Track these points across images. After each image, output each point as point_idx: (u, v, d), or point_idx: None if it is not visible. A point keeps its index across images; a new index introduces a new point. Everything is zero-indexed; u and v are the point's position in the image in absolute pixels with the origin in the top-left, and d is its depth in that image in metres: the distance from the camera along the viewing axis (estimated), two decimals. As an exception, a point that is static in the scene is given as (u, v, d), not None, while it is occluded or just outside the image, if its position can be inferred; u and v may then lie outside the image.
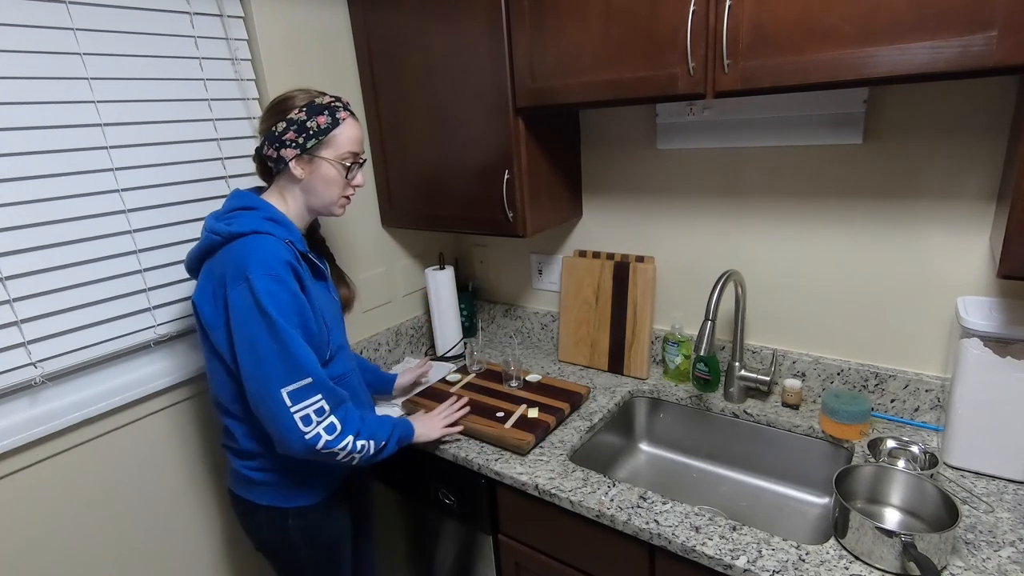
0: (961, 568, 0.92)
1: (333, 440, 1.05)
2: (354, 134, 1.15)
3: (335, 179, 1.14)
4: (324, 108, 1.11)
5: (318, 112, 1.11)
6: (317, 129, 1.10)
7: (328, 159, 1.12)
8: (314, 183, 1.14)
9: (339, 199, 1.17)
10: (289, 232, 1.10)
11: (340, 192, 1.16)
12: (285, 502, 1.16)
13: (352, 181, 1.17)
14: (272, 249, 1.03)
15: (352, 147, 1.14)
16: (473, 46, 1.37)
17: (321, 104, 1.11)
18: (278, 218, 1.11)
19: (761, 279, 1.45)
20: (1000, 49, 0.83)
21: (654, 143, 1.51)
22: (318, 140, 1.11)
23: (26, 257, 1.10)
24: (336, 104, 1.13)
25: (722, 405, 1.44)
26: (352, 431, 1.08)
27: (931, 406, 1.28)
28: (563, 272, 1.73)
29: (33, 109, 1.09)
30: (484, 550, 1.42)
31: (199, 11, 1.31)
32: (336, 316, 1.22)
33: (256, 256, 1.01)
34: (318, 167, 1.13)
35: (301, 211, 1.18)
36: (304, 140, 1.10)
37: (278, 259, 1.03)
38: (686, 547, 1.01)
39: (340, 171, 1.14)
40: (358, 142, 1.16)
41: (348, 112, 1.15)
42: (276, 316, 1.00)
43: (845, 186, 1.29)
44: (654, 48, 1.13)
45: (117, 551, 1.28)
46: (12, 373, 1.10)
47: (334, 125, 1.11)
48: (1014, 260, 0.88)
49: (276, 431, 1.03)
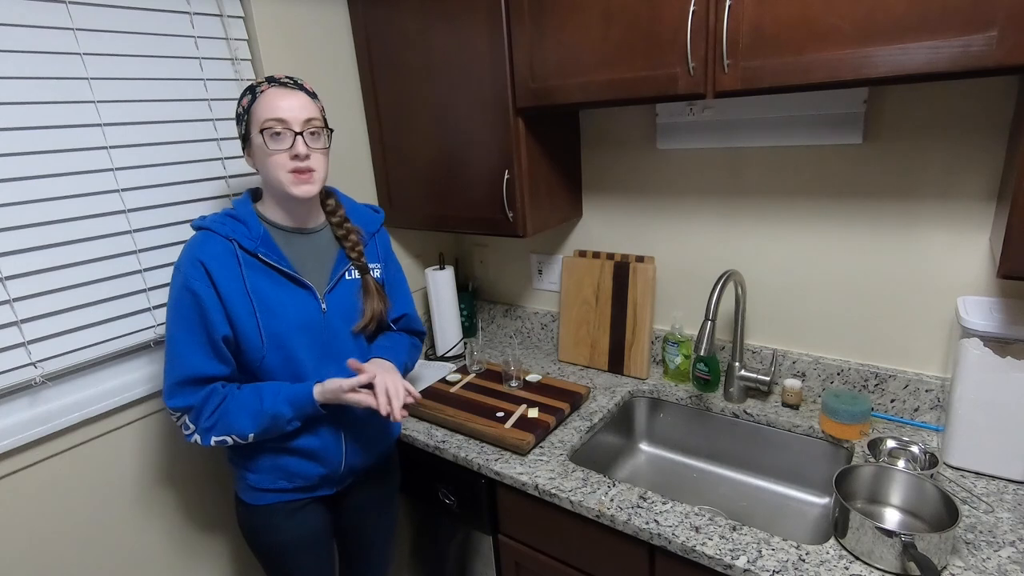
0: (961, 568, 0.92)
1: (188, 436, 1.10)
2: (272, 102, 1.06)
3: (262, 152, 1.07)
4: (248, 90, 1.10)
5: (243, 96, 1.11)
6: (243, 112, 1.10)
7: (252, 134, 1.09)
8: (258, 167, 1.11)
9: (283, 175, 1.07)
10: (239, 229, 1.10)
11: (281, 168, 1.07)
12: (242, 494, 1.21)
13: (292, 152, 1.06)
14: (192, 244, 1.08)
15: (269, 114, 1.05)
16: (473, 46, 1.37)
17: (247, 88, 1.11)
18: (238, 214, 1.12)
19: (761, 279, 1.45)
20: (1000, 49, 0.83)
21: (654, 143, 1.51)
22: (244, 121, 1.10)
23: (26, 257, 1.10)
24: (261, 81, 1.10)
25: (722, 405, 1.44)
26: (199, 432, 1.09)
27: (931, 406, 1.28)
28: (563, 272, 1.73)
29: (33, 109, 1.09)
30: (484, 550, 1.42)
31: (199, 11, 1.31)
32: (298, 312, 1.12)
33: (183, 251, 1.09)
34: (253, 148, 1.10)
35: (276, 202, 1.14)
36: (241, 128, 1.11)
37: (191, 256, 1.06)
38: (686, 547, 1.01)
39: (263, 142, 1.06)
40: (279, 108, 1.06)
41: (275, 84, 1.08)
42: (168, 312, 1.08)
43: (845, 186, 1.29)
44: (654, 48, 1.13)
45: (118, 551, 1.28)
46: (12, 373, 1.10)
47: (253, 100, 1.08)
48: (1014, 260, 0.88)
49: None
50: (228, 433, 1.09)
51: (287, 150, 1.07)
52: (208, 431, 1.09)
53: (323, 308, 1.16)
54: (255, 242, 1.10)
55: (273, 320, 1.10)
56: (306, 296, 1.14)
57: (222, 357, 1.09)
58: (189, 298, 1.05)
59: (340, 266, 1.20)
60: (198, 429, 1.09)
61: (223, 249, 1.08)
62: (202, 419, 1.09)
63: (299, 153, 1.07)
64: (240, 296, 1.08)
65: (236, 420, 1.09)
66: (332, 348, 1.18)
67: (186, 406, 1.07)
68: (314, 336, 1.15)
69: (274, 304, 1.11)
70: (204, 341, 1.07)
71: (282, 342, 1.12)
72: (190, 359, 1.06)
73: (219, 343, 1.07)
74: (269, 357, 1.12)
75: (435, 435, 1.41)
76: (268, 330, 1.10)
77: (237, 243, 1.09)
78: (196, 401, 1.08)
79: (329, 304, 1.17)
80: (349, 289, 1.21)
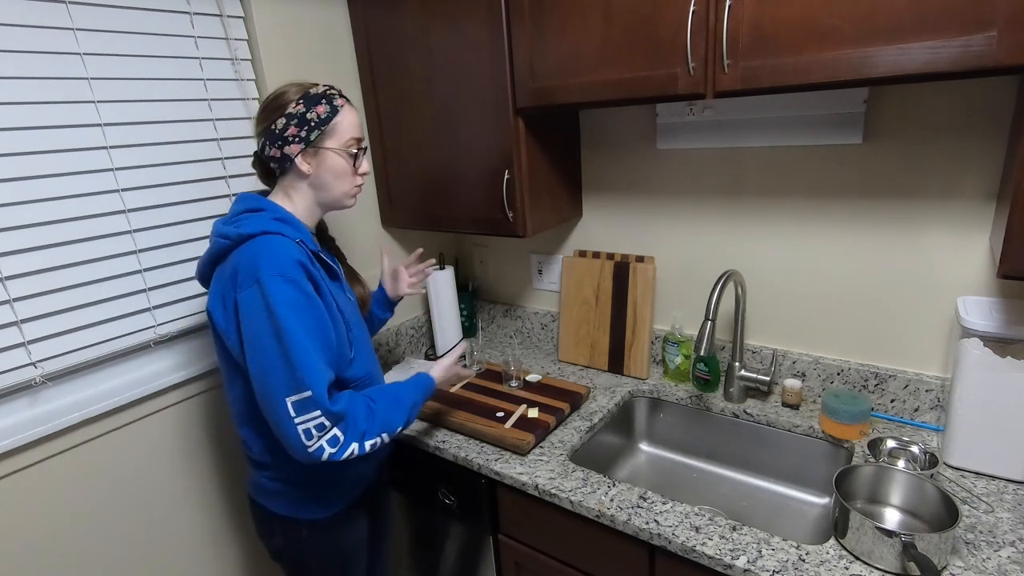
0: (961, 568, 0.92)
1: (337, 452, 1.01)
2: (354, 119, 1.11)
3: (343, 169, 1.10)
4: (321, 97, 1.07)
5: (316, 102, 1.07)
6: (318, 119, 1.06)
7: (333, 149, 1.08)
8: (323, 176, 1.09)
9: (350, 189, 1.13)
10: (299, 232, 1.06)
11: (350, 183, 1.12)
12: (300, 513, 1.14)
13: (359, 169, 1.13)
14: (283, 249, 0.99)
15: (355, 132, 1.11)
16: (473, 46, 1.37)
17: (317, 94, 1.07)
18: (287, 218, 1.08)
19: (761, 279, 1.45)
20: (1000, 49, 0.83)
21: (654, 143, 1.51)
22: (320, 131, 1.07)
23: (26, 257, 1.10)
24: (331, 92, 1.10)
25: (722, 405, 1.44)
26: (355, 438, 1.03)
27: (931, 406, 1.28)
28: (563, 272, 1.73)
29: (33, 109, 1.09)
30: (484, 550, 1.42)
31: (199, 11, 1.31)
32: (355, 315, 1.18)
33: (267, 257, 0.98)
34: (324, 159, 1.08)
35: (310, 209, 1.13)
36: (307, 133, 1.06)
37: (290, 259, 0.98)
38: (686, 547, 1.01)
39: (347, 160, 1.10)
40: (359, 127, 1.12)
41: (344, 99, 1.11)
42: (285, 321, 0.96)
43: (845, 186, 1.29)
44: (654, 48, 1.13)
45: (118, 552, 1.28)
46: (12, 373, 1.10)
47: (334, 113, 1.08)
48: (1014, 260, 0.88)
49: (283, 439, 0.99)
50: (382, 432, 1.06)
51: (356, 167, 1.12)
52: (365, 434, 1.04)
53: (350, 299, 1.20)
54: (313, 243, 1.10)
55: (347, 319, 1.11)
56: (348, 291, 1.19)
57: (334, 361, 1.06)
58: (304, 302, 0.99)
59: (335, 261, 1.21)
60: (353, 435, 1.02)
61: (301, 252, 1.02)
62: (360, 422, 1.03)
63: (367, 171, 1.14)
64: (327, 298, 1.06)
65: (391, 416, 1.08)
66: (367, 337, 1.22)
67: (340, 411, 1.01)
68: (363, 328, 1.20)
69: (342, 303, 1.11)
70: (325, 346, 1.02)
71: (355, 338, 1.13)
72: (322, 368, 1.00)
73: (334, 346, 1.05)
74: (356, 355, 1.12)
75: (435, 435, 1.41)
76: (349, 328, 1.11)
77: (306, 246, 1.05)
78: (345, 408, 1.02)
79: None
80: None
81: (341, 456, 1.01)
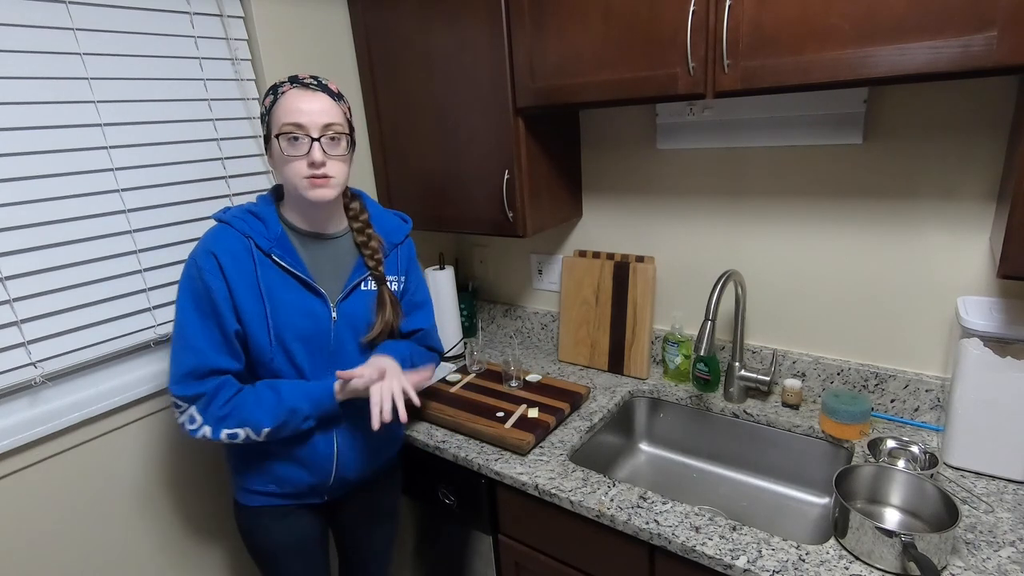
0: (961, 568, 0.92)
1: (193, 431, 1.05)
2: (292, 104, 1.02)
3: (280, 157, 1.05)
4: (271, 89, 1.07)
5: (267, 94, 1.07)
6: (265, 111, 1.07)
7: (275, 137, 1.05)
8: (276, 167, 1.08)
9: (300, 180, 1.04)
10: (262, 226, 1.09)
11: (297, 173, 1.04)
12: (236, 494, 1.20)
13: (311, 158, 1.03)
14: (211, 237, 1.07)
15: (287, 118, 1.02)
16: (473, 46, 1.37)
17: (273, 85, 1.07)
18: (259, 212, 1.11)
19: (761, 279, 1.45)
20: (1000, 49, 0.83)
21: (654, 143, 1.51)
22: (265, 122, 1.08)
23: (26, 257, 1.10)
24: (284, 81, 1.06)
25: (722, 405, 1.44)
26: (210, 422, 1.04)
27: (931, 406, 1.28)
28: (563, 272, 1.73)
29: (33, 109, 1.09)
30: (484, 550, 1.42)
31: (199, 11, 1.31)
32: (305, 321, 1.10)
33: (200, 242, 1.07)
34: (272, 149, 1.07)
35: (295, 201, 1.11)
36: (263, 126, 1.09)
37: (205, 247, 1.05)
38: (686, 547, 1.01)
39: (280, 147, 1.03)
40: (299, 112, 1.02)
41: (297, 85, 1.05)
42: (179, 299, 1.05)
43: (845, 186, 1.29)
44: (654, 48, 1.13)
45: (118, 552, 1.28)
46: (12, 373, 1.10)
47: (274, 101, 1.05)
48: (1014, 260, 0.88)
49: None
50: (242, 425, 1.05)
51: (304, 156, 1.04)
52: (220, 421, 1.04)
53: (333, 317, 1.13)
54: (271, 242, 1.08)
55: (280, 323, 1.09)
56: (317, 303, 1.12)
57: (233, 351, 1.07)
58: (202, 289, 1.03)
59: (357, 274, 1.17)
60: (208, 419, 1.04)
61: (239, 245, 1.06)
62: (213, 407, 1.04)
63: (315, 160, 1.03)
64: (252, 294, 1.06)
65: (252, 412, 1.05)
66: (337, 358, 1.15)
67: (196, 394, 1.03)
68: (320, 344, 1.13)
69: (284, 307, 1.09)
70: (216, 333, 1.05)
71: (286, 346, 1.10)
72: (202, 350, 1.04)
73: (231, 337, 1.06)
74: (277, 359, 1.10)
75: (435, 435, 1.41)
76: (276, 332, 1.08)
77: (253, 241, 1.07)
78: (207, 389, 1.04)
79: (340, 313, 1.14)
80: (363, 299, 1.17)
81: (196, 435, 1.05)
